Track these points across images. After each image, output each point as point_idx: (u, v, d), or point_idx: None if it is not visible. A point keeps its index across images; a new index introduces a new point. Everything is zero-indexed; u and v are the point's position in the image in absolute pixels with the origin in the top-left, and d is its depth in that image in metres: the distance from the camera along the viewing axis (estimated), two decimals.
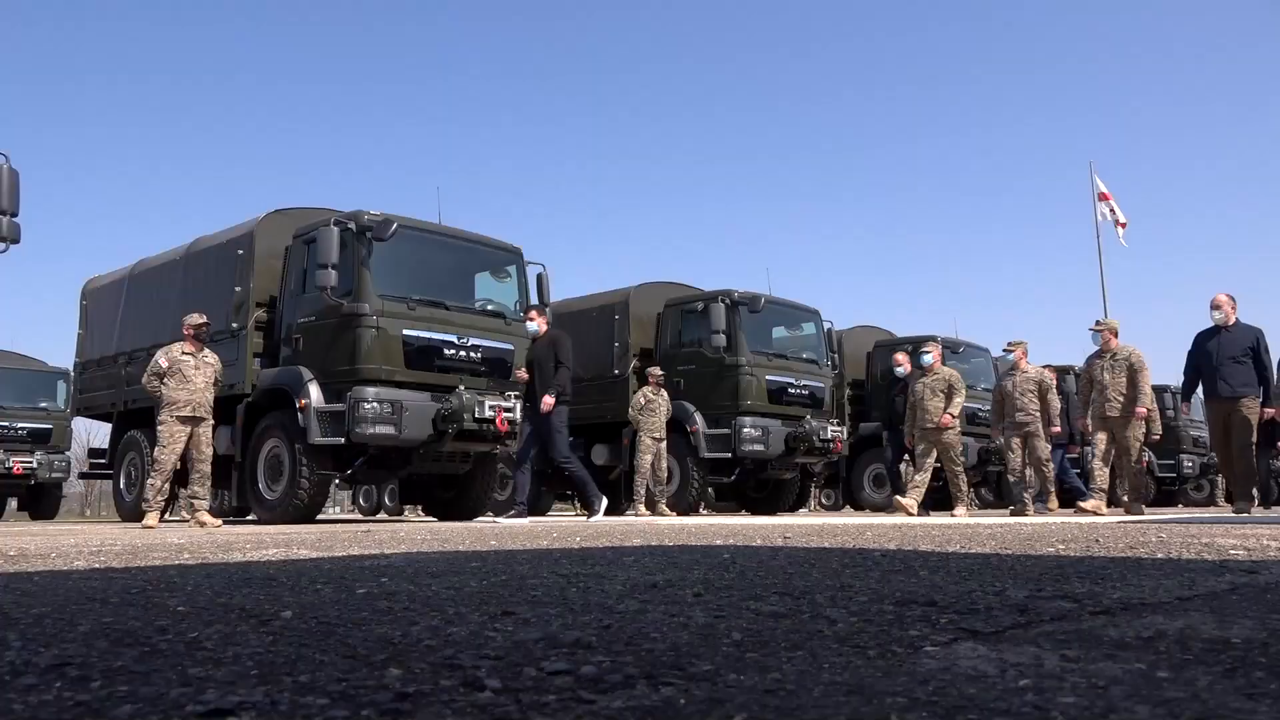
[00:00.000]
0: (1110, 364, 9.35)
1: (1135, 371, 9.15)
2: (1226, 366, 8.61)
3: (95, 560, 3.32)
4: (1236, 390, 8.52)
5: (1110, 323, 9.59)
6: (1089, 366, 9.57)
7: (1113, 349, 9.38)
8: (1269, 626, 1.42)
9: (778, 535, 4.47)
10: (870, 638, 1.36)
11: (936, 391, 10.07)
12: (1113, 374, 9.28)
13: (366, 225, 8.84)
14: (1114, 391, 9.17)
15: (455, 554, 3.44)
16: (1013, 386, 10.10)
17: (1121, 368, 9.26)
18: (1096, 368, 9.44)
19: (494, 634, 1.43)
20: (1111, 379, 9.27)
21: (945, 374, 10.18)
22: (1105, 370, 9.34)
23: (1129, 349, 9.33)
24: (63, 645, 1.37)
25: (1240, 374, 8.56)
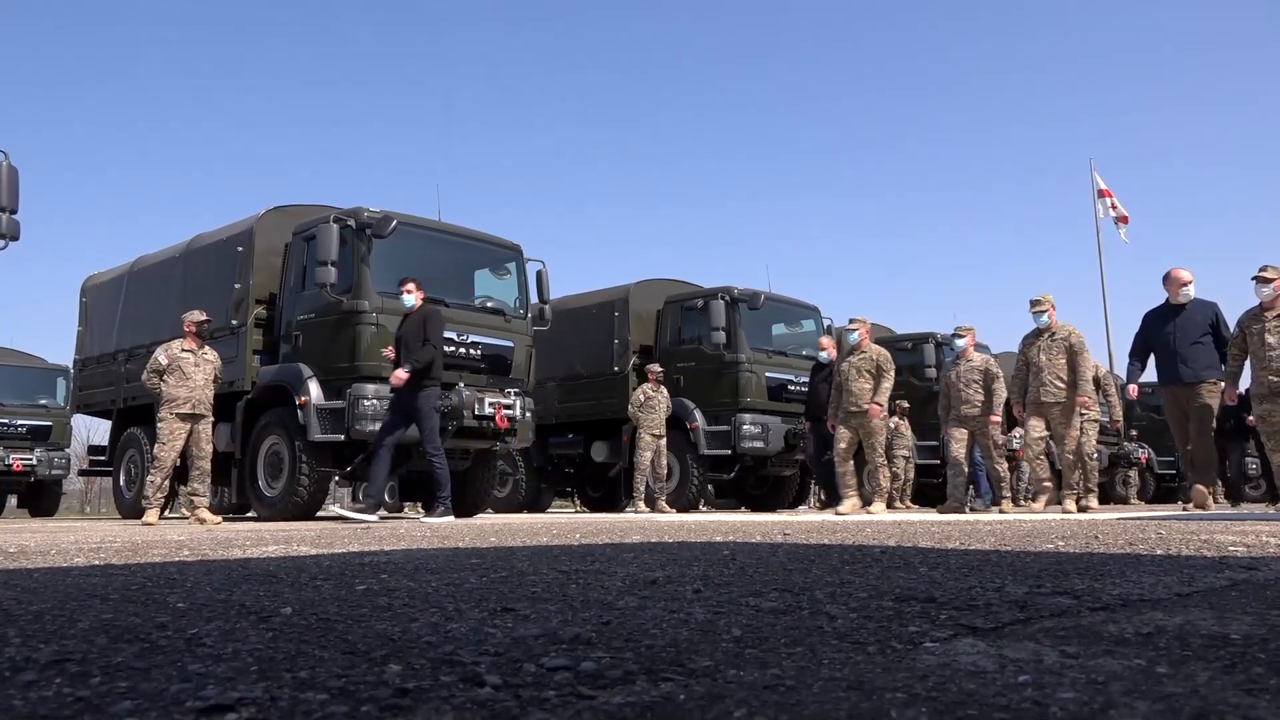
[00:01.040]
0: (1048, 344, 8.61)
1: (1075, 354, 8.49)
2: (1187, 349, 7.94)
3: (95, 557, 3.33)
4: (1200, 374, 7.87)
5: (1050, 298, 8.78)
6: (1025, 348, 8.83)
7: (1052, 328, 8.67)
8: (1268, 623, 1.42)
9: (777, 532, 4.48)
10: (870, 634, 1.36)
11: (863, 372, 9.19)
12: (1050, 355, 8.56)
13: (366, 222, 8.85)
14: (1051, 375, 8.49)
15: (455, 550, 3.44)
16: (957, 376, 9.42)
17: (1060, 349, 8.54)
18: (1033, 349, 8.70)
19: (494, 630, 1.43)
20: (1049, 361, 8.55)
21: (874, 353, 9.24)
22: (1042, 352, 8.61)
23: (1068, 328, 8.62)
24: (63, 641, 1.37)
25: (1202, 356, 7.91)
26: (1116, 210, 22.44)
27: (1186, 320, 7.99)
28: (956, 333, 9.64)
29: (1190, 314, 8.01)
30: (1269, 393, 7.23)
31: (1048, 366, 8.52)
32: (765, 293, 12.50)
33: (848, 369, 9.28)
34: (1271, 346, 7.24)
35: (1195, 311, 8.02)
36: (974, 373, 9.31)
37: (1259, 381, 7.27)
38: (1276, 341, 7.26)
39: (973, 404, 9.23)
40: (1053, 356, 8.51)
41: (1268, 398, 7.26)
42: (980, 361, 9.36)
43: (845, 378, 9.29)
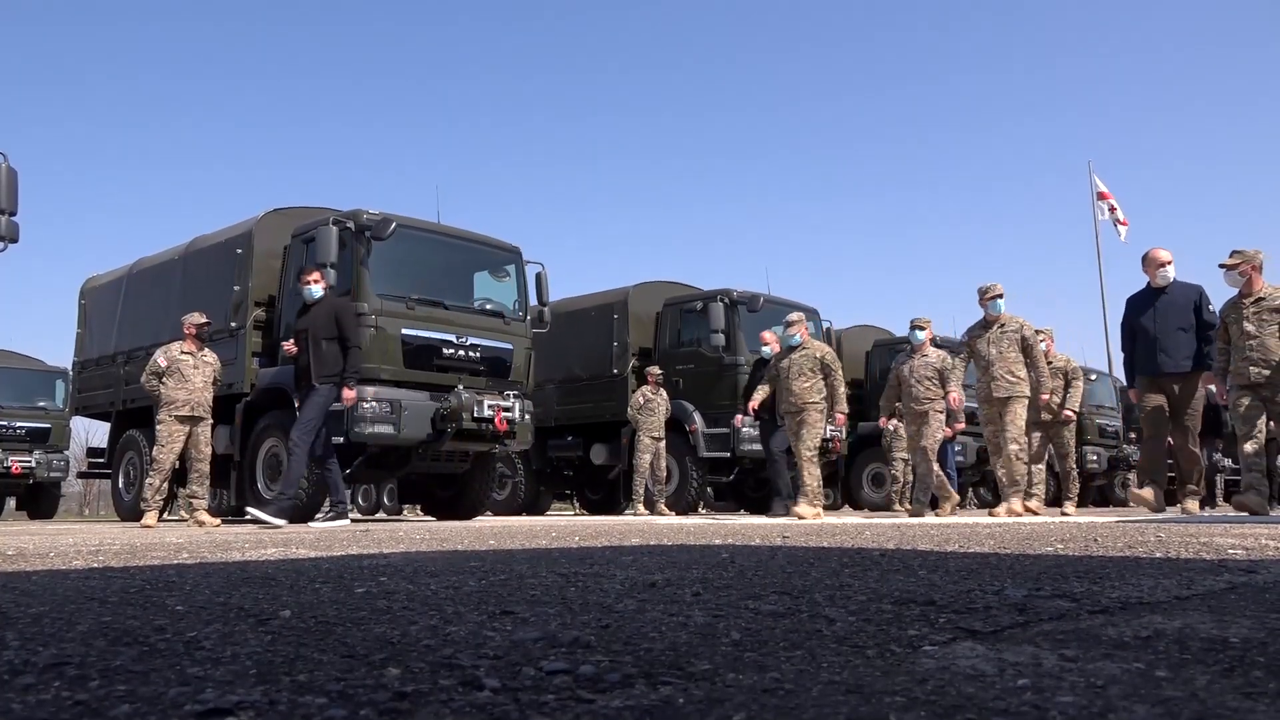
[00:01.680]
0: (998, 336, 8.10)
1: (1030, 347, 8.02)
2: (1169, 336, 7.30)
3: (94, 560, 3.32)
4: (1180, 364, 7.26)
5: (1000, 286, 8.28)
6: (971, 340, 8.30)
7: (1001, 319, 8.17)
8: (1267, 626, 1.42)
9: (776, 535, 4.48)
10: (869, 637, 1.36)
11: (803, 370, 8.64)
12: (1000, 349, 8.05)
13: (365, 224, 8.85)
14: (1002, 369, 7.99)
15: (454, 553, 3.44)
16: (909, 371, 8.91)
17: (1012, 342, 8.04)
18: (981, 341, 8.18)
19: (493, 633, 1.43)
20: (999, 354, 8.04)
21: (815, 349, 8.72)
22: (992, 344, 8.10)
23: (1019, 320, 8.16)
24: (61, 644, 1.36)
25: (1184, 344, 7.29)
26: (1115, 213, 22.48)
27: (1167, 305, 7.39)
28: (915, 325, 9.10)
29: (1172, 298, 7.41)
30: (1247, 384, 6.87)
31: (998, 360, 8.05)
32: (764, 295, 12.50)
33: (787, 366, 8.76)
34: (1250, 335, 6.87)
35: (1177, 295, 7.41)
36: (929, 369, 8.84)
37: (1237, 372, 6.92)
38: (1256, 330, 6.89)
39: (921, 400, 8.77)
40: (1003, 349, 8.04)
41: (1246, 389, 6.91)
42: (937, 358, 8.87)
43: (784, 376, 8.77)
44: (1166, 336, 7.30)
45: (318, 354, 7.48)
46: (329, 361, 7.55)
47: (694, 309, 12.61)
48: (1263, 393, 6.83)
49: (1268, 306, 6.85)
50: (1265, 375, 6.80)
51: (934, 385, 8.73)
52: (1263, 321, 6.85)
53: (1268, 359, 6.80)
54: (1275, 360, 6.77)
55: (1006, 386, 7.98)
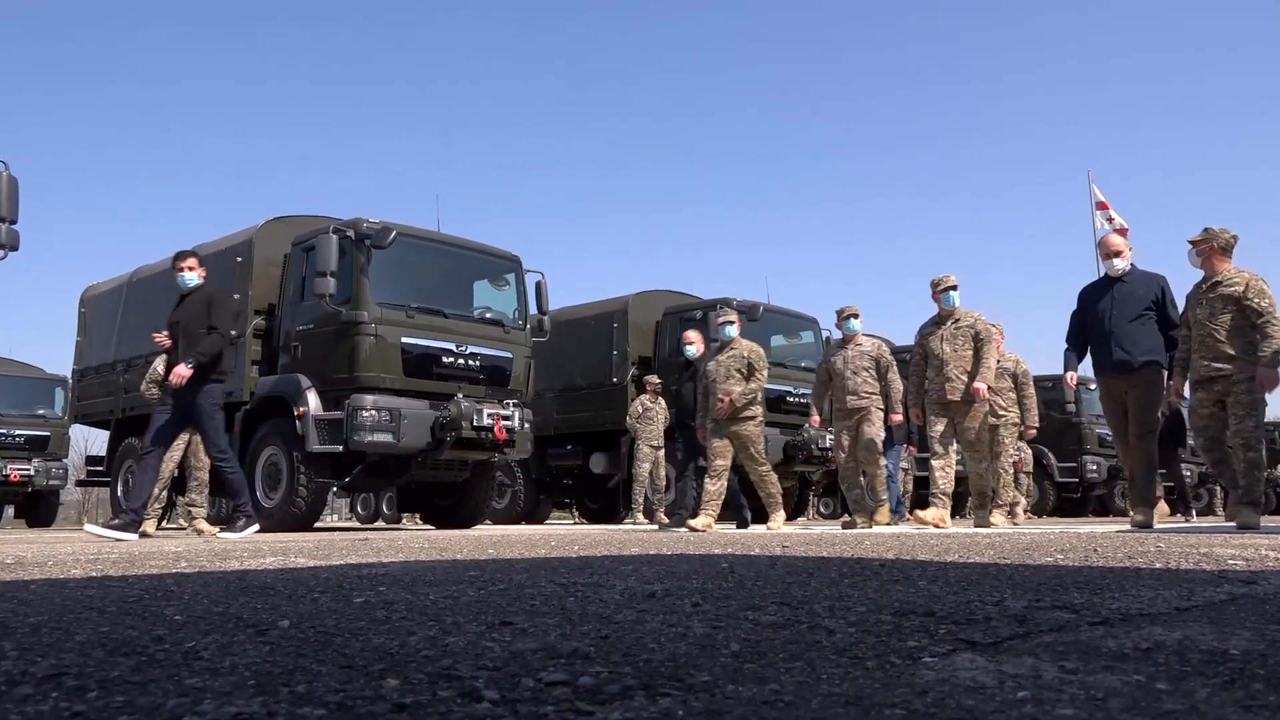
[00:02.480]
0: (952, 332, 7.44)
1: (982, 343, 7.34)
2: (1124, 329, 6.56)
3: (92, 569, 3.32)
4: (1137, 359, 6.48)
5: (954, 278, 7.58)
6: (923, 338, 7.61)
7: (956, 314, 7.50)
8: (1267, 638, 1.41)
9: (776, 544, 4.47)
10: (869, 648, 1.36)
11: (733, 371, 7.98)
12: (955, 346, 7.39)
13: (365, 233, 8.87)
14: (957, 368, 7.32)
15: (453, 562, 3.44)
16: (843, 363, 8.11)
17: (966, 338, 7.39)
18: (934, 338, 7.49)
19: (492, 644, 1.43)
20: (954, 352, 7.38)
21: (745, 349, 8.08)
22: (945, 341, 7.42)
23: (974, 315, 7.48)
24: (60, 655, 1.36)
25: (1142, 337, 6.52)
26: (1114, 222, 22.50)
27: (1124, 294, 6.64)
28: (848, 314, 8.32)
29: (1130, 287, 6.66)
30: (1205, 378, 6.19)
31: (953, 359, 7.36)
32: (764, 304, 12.51)
33: (715, 368, 8.10)
34: (1202, 324, 6.19)
35: (1136, 284, 6.66)
36: (864, 359, 8.09)
37: (1195, 366, 6.24)
38: (1209, 318, 6.19)
39: (859, 395, 8.00)
40: (958, 347, 7.37)
41: (1201, 385, 6.24)
42: (871, 346, 8.16)
43: (712, 379, 8.10)
44: (1123, 328, 6.56)
45: (190, 348, 6.68)
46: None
47: (693, 318, 12.62)
48: (1216, 388, 6.13)
49: (1223, 293, 6.11)
50: (1216, 369, 6.08)
51: (871, 378, 8.04)
52: (1215, 309, 6.12)
53: (1216, 351, 6.09)
54: (1225, 353, 6.06)
55: (962, 389, 7.32)
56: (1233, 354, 6.04)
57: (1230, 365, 6.05)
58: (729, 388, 7.92)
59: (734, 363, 8.02)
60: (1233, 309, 6.05)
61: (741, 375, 7.95)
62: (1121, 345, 6.52)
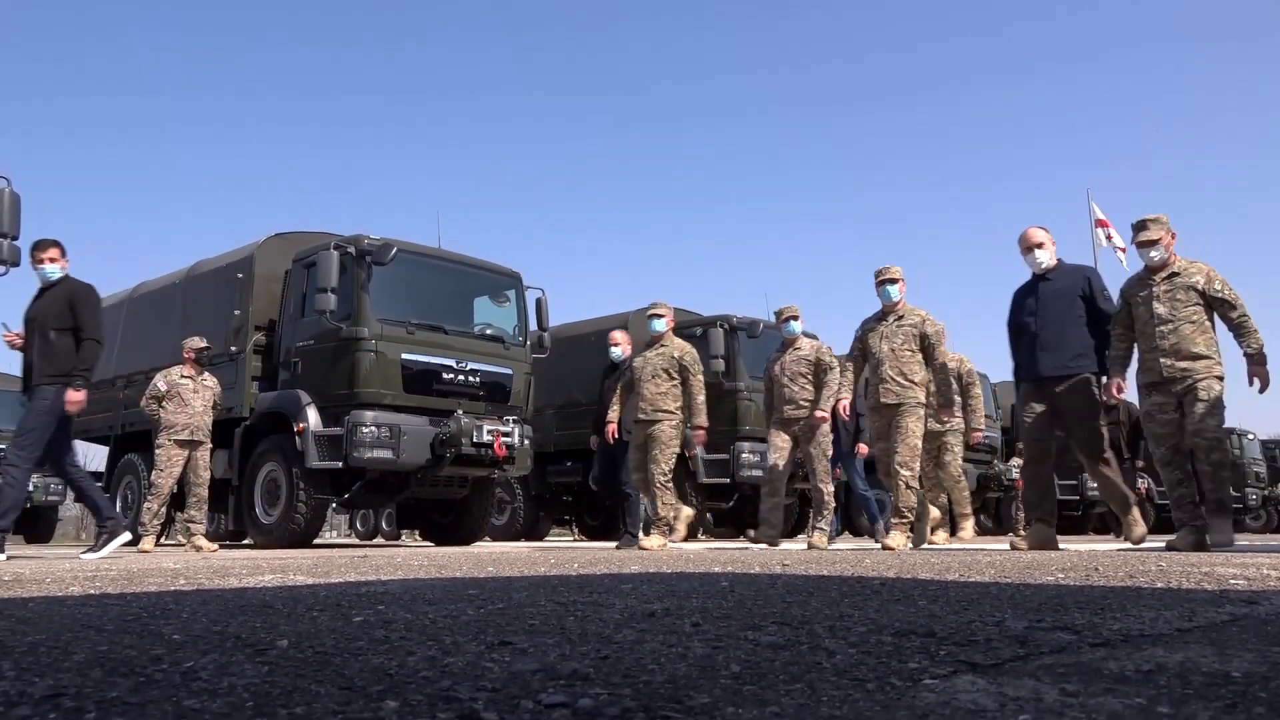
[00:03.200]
0: (893, 330, 6.81)
1: (931, 346, 6.73)
2: (1050, 332, 5.88)
3: (90, 586, 3.31)
4: (1066, 364, 5.83)
5: (898, 269, 6.93)
6: (863, 335, 6.99)
7: (899, 309, 6.86)
8: (1269, 660, 1.41)
9: (776, 562, 4.46)
10: (869, 670, 1.35)
11: (659, 370, 7.48)
12: (894, 345, 6.74)
13: (366, 249, 8.89)
14: (893, 369, 6.69)
15: (452, 580, 3.43)
16: (780, 369, 7.46)
17: (909, 337, 6.73)
18: (874, 336, 6.86)
19: (491, 664, 1.42)
20: (892, 351, 6.73)
21: (675, 347, 7.57)
22: (885, 339, 6.79)
23: (920, 313, 6.80)
24: (57, 675, 1.36)
25: (1070, 340, 5.84)
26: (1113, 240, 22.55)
27: (1050, 294, 5.98)
28: (787, 315, 7.68)
29: (1055, 285, 5.99)
30: (1160, 380, 5.57)
31: (890, 358, 6.70)
32: (764, 321, 12.52)
33: (642, 365, 7.59)
34: (1161, 319, 5.56)
35: (1061, 281, 6.00)
36: (801, 364, 7.39)
37: (1146, 367, 5.65)
38: (1168, 313, 5.56)
39: (798, 403, 7.31)
40: (897, 346, 6.71)
41: (1158, 387, 5.60)
42: (810, 350, 7.44)
43: (638, 375, 7.58)
44: (1049, 332, 5.90)
45: (45, 347, 6.11)
46: (59, 357, 6.15)
47: (693, 335, 12.60)
48: (1175, 389, 5.54)
49: (1182, 284, 5.54)
50: (1181, 369, 5.50)
51: (810, 383, 7.36)
52: (1176, 302, 5.53)
53: (1183, 349, 5.50)
54: (1192, 351, 5.49)
55: (896, 391, 6.64)
56: (1200, 353, 5.48)
57: (1198, 364, 5.48)
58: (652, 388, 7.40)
59: (661, 361, 7.51)
60: (1196, 302, 5.51)
61: (669, 375, 7.46)
62: (1045, 350, 5.90)
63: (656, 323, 7.72)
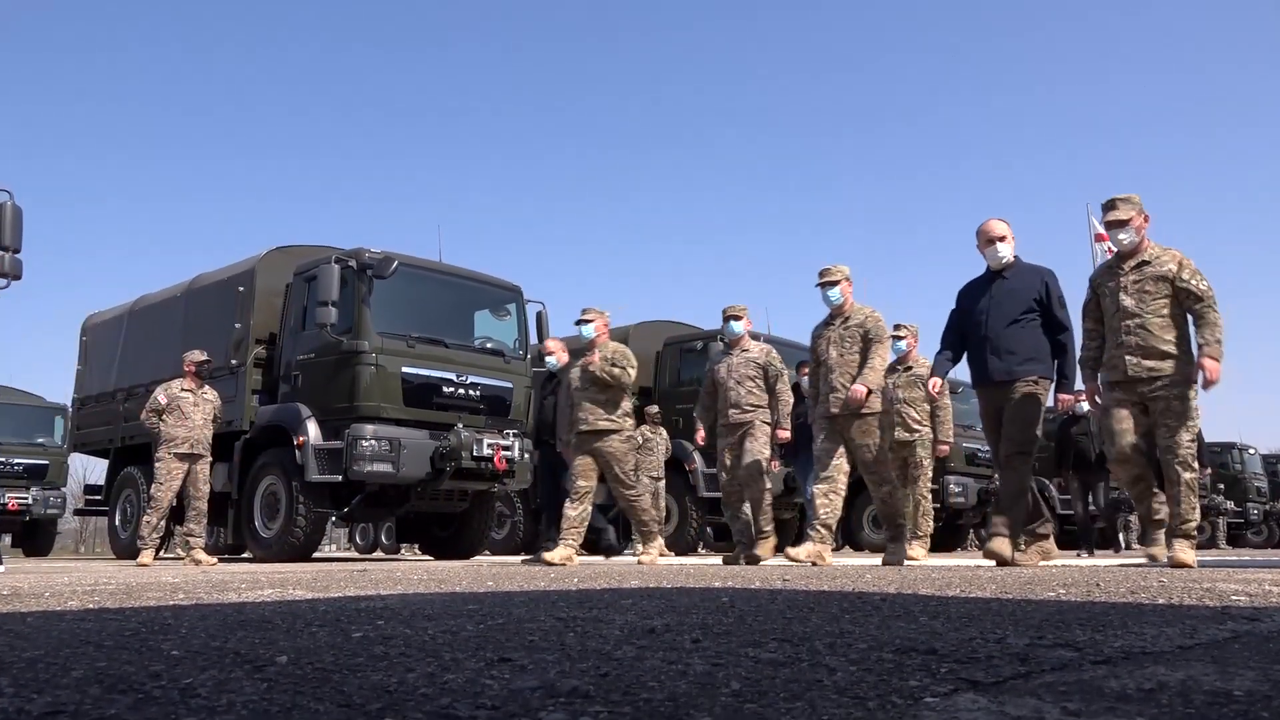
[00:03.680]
0: (840, 334, 6.26)
1: (871, 343, 6.15)
2: (1002, 334, 5.51)
3: (89, 600, 3.30)
4: (1015, 369, 5.45)
5: (840, 269, 6.38)
6: (814, 340, 6.46)
7: (845, 311, 6.32)
8: (1271, 678, 1.40)
9: (776, 577, 4.44)
10: (870, 687, 1.35)
11: (592, 380, 7.09)
12: (841, 349, 6.21)
13: (367, 263, 8.91)
14: (842, 376, 6.14)
15: (452, 595, 3.42)
16: (726, 372, 6.99)
17: (854, 339, 6.20)
18: (823, 341, 6.34)
19: (490, 681, 1.42)
20: (840, 357, 6.20)
21: (609, 351, 7.18)
22: (832, 344, 6.27)
23: (866, 311, 6.28)
24: (56, 691, 1.35)
25: (1023, 343, 5.47)
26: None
27: (1004, 293, 5.59)
28: (729, 314, 7.21)
29: (1010, 284, 5.61)
30: (1124, 380, 5.13)
31: (839, 365, 6.18)
32: (764, 335, 12.52)
33: (576, 376, 7.27)
34: (1128, 313, 5.11)
35: (1017, 280, 5.61)
36: (750, 366, 6.94)
37: (1111, 364, 5.20)
38: (1135, 305, 5.11)
39: (743, 408, 6.86)
40: (845, 351, 6.21)
41: (1121, 386, 5.17)
42: (759, 353, 7.02)
43: (573, 387, 7.27)
44: (1000, 333, 5.52)
45: None
46: None
47: (694, 348, 12.62)
48: (1141, 390, 5.10)
49: (1152, 274, 5.09)
50: (1149, 369, 5.06)
51: (757, 388, 6.90)
52: (1145, 294, 5.09)
53: (1150, 347, 5.06)
54: (1161, 349, 5.04)
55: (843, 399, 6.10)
56: (1169, 351, 5.04)
57: (1166, 364, 5.04)
58: (589, 398, 7.06)
59: (595, 368, 7.10)
60: (1166, 293, 5.05)
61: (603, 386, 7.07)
62: (997, 353, 5.52)
63: (586, 329, 7.37)
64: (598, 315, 7.42)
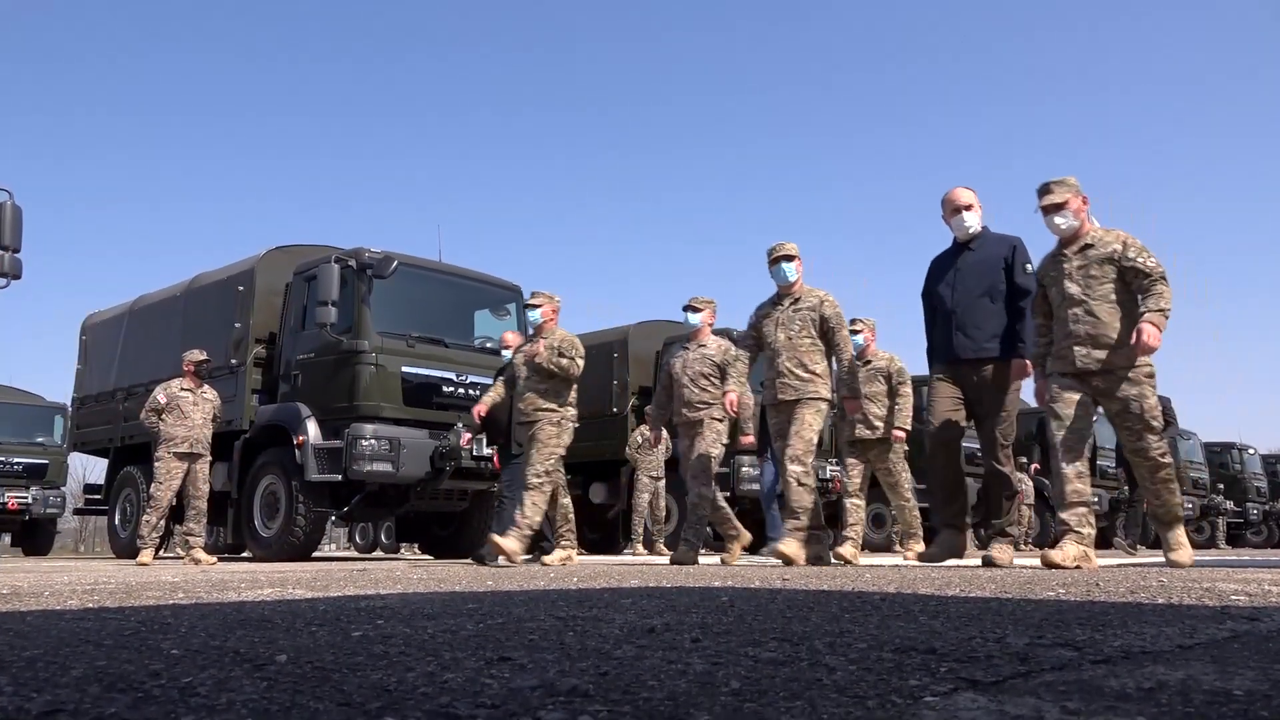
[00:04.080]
0: (789, 316, 5.97)
1: (832, 330, 5.91)
2: (967, 309, 5.19)
3: (89, 599, 3.30)
4: (983, 346, 5.14)
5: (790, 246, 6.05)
6: (757, 320, 6.18)
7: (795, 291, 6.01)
8: (1270, 678, 1.40)
9: (776, 577, 4.44)
10: (870, 687, 1.35)
11: (539, 370, 6.72)
12: (790, 332, 5.91)
13: (367, 263, 8.91)
14: (790, 361, 5.88)
15: (451, 594, 3.42)
16: (682, 366, 6.76)
17: (807, 323, 5.90)
18: (769, 322, 6.06)
19: (490, 680, 1.42)
20: (788, 340, 5.91)
21: (557, 337, 6.80)
22: (780, 326, 5.99)
23: (819, 294, 5.94)
24: (55, 690, 1.35)
25: (990, 318, 5.15)
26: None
27: (972, 266, 5.27)
28: (689, 306, 6.93)
29: (978, 256, 5.29)
30: (1074, 372, 4.77)
31: (786, 349, 5.86)
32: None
33: (520, 363, 6.89)
34: (1074, 300, 4.78)
35: (985, 251, 5.29)
36: (706, 363, 6.69)
37: (1059, 355, 4.86)
38: (1082, 292, 4.76)
39: (695, 406, 6.66)
40: (794, 334, 5.86)
41: (1065, 379, 4.81)
42: (716, 349, 6.75)
43: (520, 378, 6.87)
44: (967, 309, 5.20)
45: None
46: None
47: None
48: (1094, 384, 4.77)
49: (1097, 257, 4.74)
50: (1099, 360, 4.71)
51: (713, 385, 6.62)
52: (1091, 279, 4.75)
53: (1099, 335, 4.72)
54: (1110, 339, 4.69)
55: (795, 386, 5.76)
56: (1118, 340, 4.68)
57: (1116, 355, 4.69)
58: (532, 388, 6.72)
59: (542, 360, 6.74)
60: (1112, 277, 4.71)
61: (547, 376, 6.75)
62: (964, 330, 5.20)
63: (532, 314, 6.94)
64: (546, 300, 6.98)
